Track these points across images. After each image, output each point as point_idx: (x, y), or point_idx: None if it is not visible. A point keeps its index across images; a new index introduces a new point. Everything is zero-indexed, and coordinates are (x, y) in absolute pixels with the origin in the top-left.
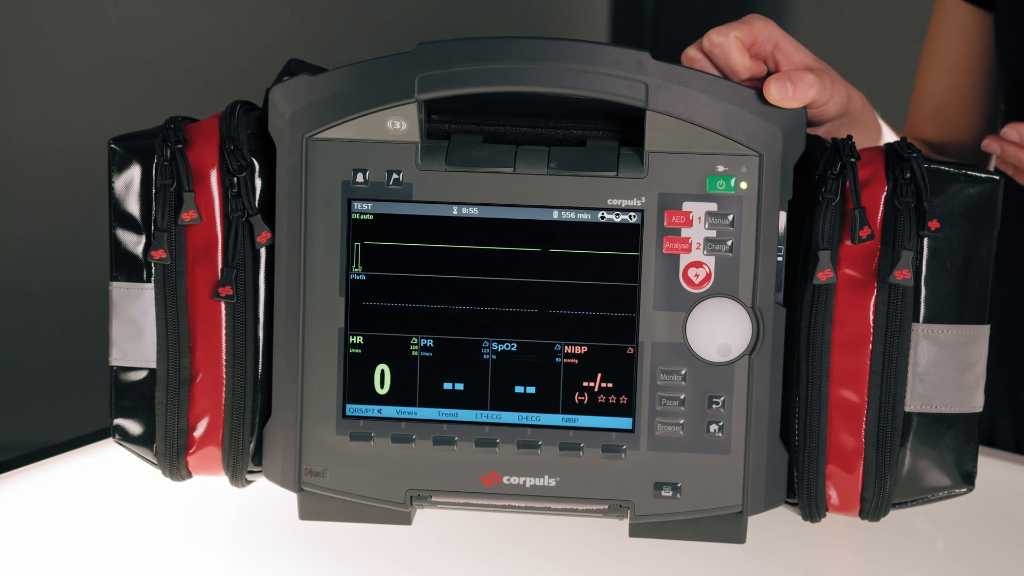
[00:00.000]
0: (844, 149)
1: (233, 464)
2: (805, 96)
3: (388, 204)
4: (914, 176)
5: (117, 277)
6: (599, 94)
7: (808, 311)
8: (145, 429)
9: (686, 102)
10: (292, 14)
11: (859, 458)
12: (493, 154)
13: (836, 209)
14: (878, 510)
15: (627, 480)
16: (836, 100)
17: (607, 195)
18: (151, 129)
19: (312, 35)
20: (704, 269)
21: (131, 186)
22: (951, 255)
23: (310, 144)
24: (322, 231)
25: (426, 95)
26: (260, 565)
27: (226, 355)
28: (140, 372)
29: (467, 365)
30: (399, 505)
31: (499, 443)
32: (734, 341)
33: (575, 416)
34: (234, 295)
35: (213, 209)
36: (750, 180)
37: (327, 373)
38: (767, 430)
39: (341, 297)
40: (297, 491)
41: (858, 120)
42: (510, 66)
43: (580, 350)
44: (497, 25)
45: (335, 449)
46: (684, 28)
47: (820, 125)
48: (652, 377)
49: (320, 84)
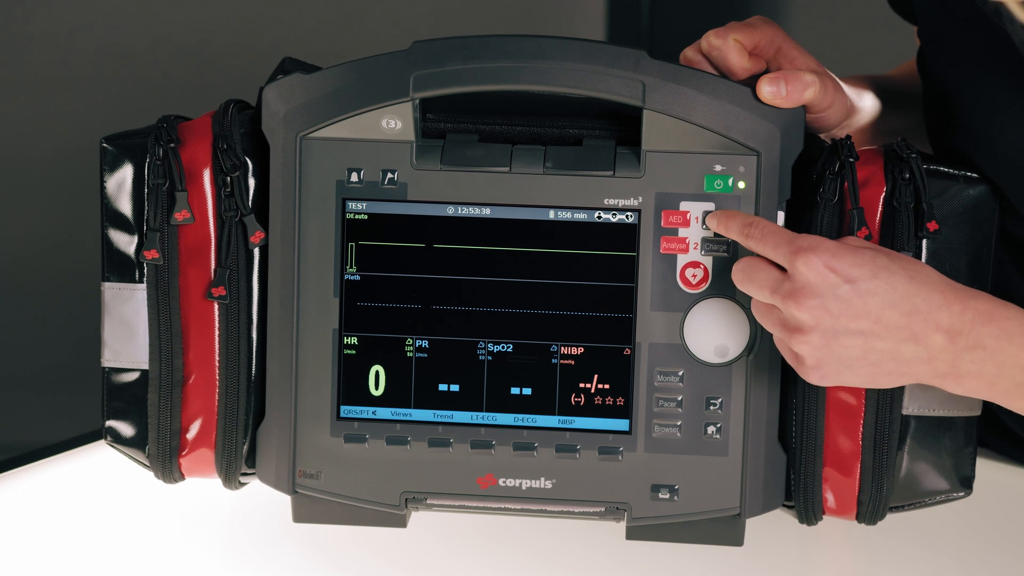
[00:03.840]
0: (843, 149)
1: (226, 466)
2: (800, 97)
3: (383, 204)
4: (913, 177)
5: (109, 277)
6: (596, 93)
7: None
8: (137, 431)
9: (684, 101)
10: (286, 12)
11: (856, 461)
12: (489, 153)
13: (834, 209)
14: (875, 514)
15: (624, 482)
16: (837, 108)
17: (604, 195)
18: (143, 128)
19: (306, 33)
20: (701, 269)
21: (123, 185)
22: (950, 257)
23: (304, 143)
24: (316, 231)
25: (421, 94)
26: (254, 568)
27: (219, 356)
28: (132, 373)
29: (462, 366)
30: (394, 507)
31: (495, 445)
32: (732, 342)
33: (571, 418)
34: (227, 295)
35: (206, 209)
36: (748, 179)
37: (321, 374)
38: (765, 432)
39: (335, 298)
40: (291, 493)
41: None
42: (506, 65)
43: (577, 351)
44: (493, 24)
45: (329, 451)
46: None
47: (820, 133)
48: (649, 378)
49: (314, 83)
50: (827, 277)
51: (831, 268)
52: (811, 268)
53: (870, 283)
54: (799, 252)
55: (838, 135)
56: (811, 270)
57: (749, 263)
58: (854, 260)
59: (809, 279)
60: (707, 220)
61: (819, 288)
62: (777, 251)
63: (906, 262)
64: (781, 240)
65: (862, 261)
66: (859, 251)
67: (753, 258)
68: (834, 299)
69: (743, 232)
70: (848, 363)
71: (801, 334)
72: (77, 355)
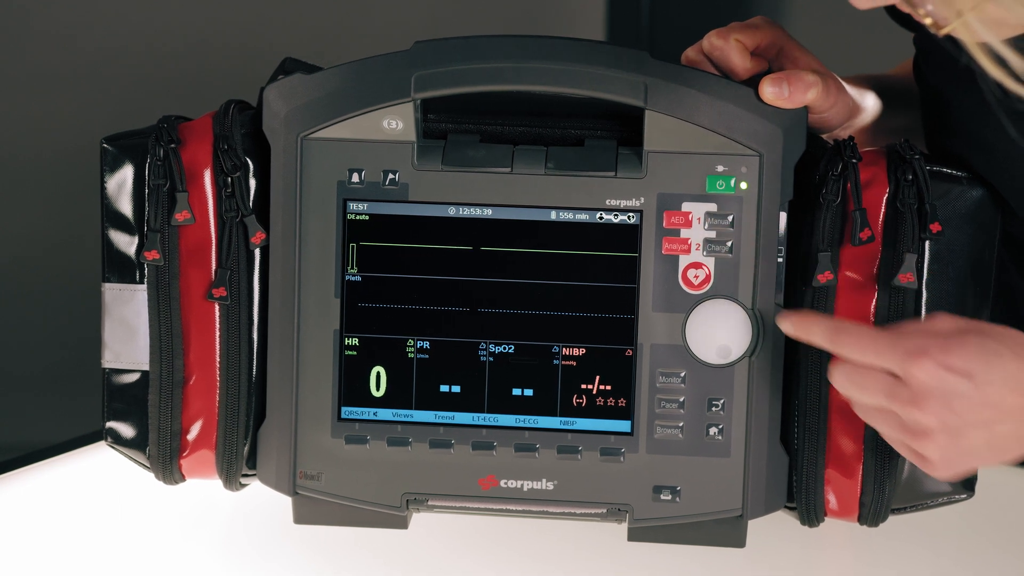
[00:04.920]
0: (845, 150)
1: (227, 467)
2: (802, 97)
3: (384, 204)
4: (916, 178)
5: (109, 278)
6: (598, 94)
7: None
8: (138, 432)
9: (686, 102)
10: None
11: (858, 463)
12: (490, 154)
13: (837, 210)
14: (877, 516)
15: (626, 483)
16: (839, 109)
17: (605, 195)
18: (144, 128)
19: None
20: (704, 270)
21: (124, 186)
22: (953, 258)
23: (305, 144)
24: (317, 232)
25: (423, 94)
26: (254, 570)
27: (220, 357)
28: (133, 374)
29: (464, 367)
30: (395, 509)
31: (496, 446)
32: (734, 343)
33: (573, 419)
34: (228, 296)
35: (207, 209)
36: (750, 180)
37: (322, 375)
38: (767, 433)
39: (336, 299)
40: (292, 495)
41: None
42: (508, 65)
43: (578, 352)
44: (492, 24)
45: (330, 452)
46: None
47: (823, 134)
48: (651, 379)
49: (315, 83)
50: (945, 378)
51: (947, 368)
52: (927, 372)
53: (986, 374)
54: (910, 357)
55: (841, 136)
56: (927, 374)
57: (854, 371)
58: (965, 353)
59: (928, 383)
60: (779, 322)
61: (939, 390)
62: (881, 358)
63: (1006, 338)
64: (883, 347)
65: (973, 352)
66: (966, 341)
67: (856, 365)
68: (956, 397)
69: (831, 340)
70: (974, 453)
71: (927, 437)
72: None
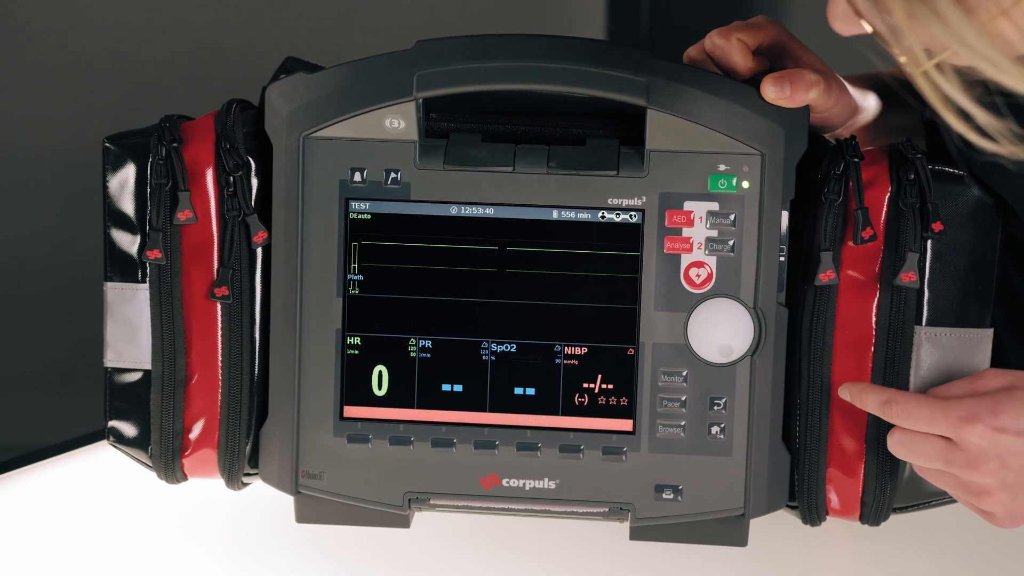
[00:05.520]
0: (847, 149)
1: (229, 467)
2: (804, 96)
3: (386, 204)
4: (918, 177)
5: (111, 277)
6: (600, 93)
7: (810, 312)
8: (140, 431)
9: (687, 101)
10: (288, 11)
11: (860, 462)
12: (492, 153)
13: (839, 209)
14: (878, 515)
15: (628, 482)
16: (841, 108)
17: (607, 194)
18: (146, 128)
19: (309, 32)
20: (705, 269)
21: (126, 185)
22: (954, 258)
23: (307, 143)
24: (319, 231)
25: (424, 93)
26: (256, 569)
27: (222, 356)
28: (135, 374)
29: (466, 366)
30: (397, 508)
31: (498, 445)
32: (736, 342)
33: (575, 418)
34: (230, 296)
35: (209, 208)
36: (752, 179)
37: (324, 374)
38: (769, 432)
39: (338, 298)
40: (294, 494)
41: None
42: (510, 64)
43: (580, 351)
44: (493, 24)
45: (332, 451)
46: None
47: (825, 133)
48: (653, 378)
49: (317, 82)
50: (998, 440)
51: (999, 430)
52: (980, 436)
53: None
54: (962, 424)
55: (843, 135)
56: (981, 438)
57: (911, 439)
58: (1015, 412)
59: (982, 447)
60: (839, 391)
61: (994, 452)
62: (935, 426)
63: None
64: (935, 415)
65: (1021, 410)
66: (1012, 399)
67: (911, 432)
68: (1011, 456)
69: (882, 410)
70: None
71: (988, 496)
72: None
